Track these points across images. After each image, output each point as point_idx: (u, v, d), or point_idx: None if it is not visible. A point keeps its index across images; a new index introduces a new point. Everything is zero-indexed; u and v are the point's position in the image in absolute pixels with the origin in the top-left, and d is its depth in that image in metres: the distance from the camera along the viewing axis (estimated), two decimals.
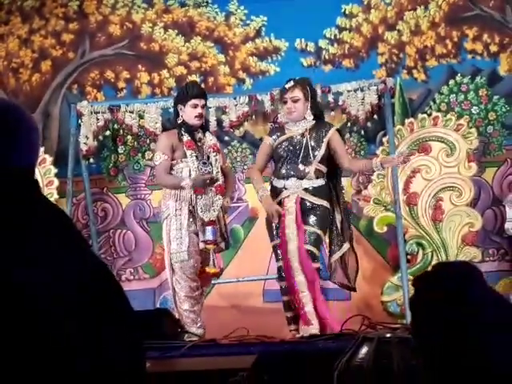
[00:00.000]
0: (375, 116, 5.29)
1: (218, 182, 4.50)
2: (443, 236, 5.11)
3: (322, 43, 5.69)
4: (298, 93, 4.47)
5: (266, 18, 5.79)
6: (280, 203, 4.46)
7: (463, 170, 5.16)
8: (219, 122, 5.39)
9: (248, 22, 5.83)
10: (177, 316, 4.39)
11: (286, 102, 4.51)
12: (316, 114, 4.56)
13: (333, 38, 5.69)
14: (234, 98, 5.32)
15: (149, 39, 5.96)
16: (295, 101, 4.47)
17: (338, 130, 4.63)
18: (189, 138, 4.48)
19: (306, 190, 4.45)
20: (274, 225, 4.47)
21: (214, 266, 4.46)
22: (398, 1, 5.62)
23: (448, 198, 5.14)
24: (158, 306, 5.47)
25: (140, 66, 5.94)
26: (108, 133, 5.50)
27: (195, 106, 4.48)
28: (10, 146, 1.42)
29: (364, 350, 2.70)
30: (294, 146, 4.48)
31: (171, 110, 5.45)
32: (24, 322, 1.25)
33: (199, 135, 4.57)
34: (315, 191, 4.47)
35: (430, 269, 1.69)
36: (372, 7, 5.66)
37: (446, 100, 5.50)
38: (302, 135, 4.48)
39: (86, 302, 1.32)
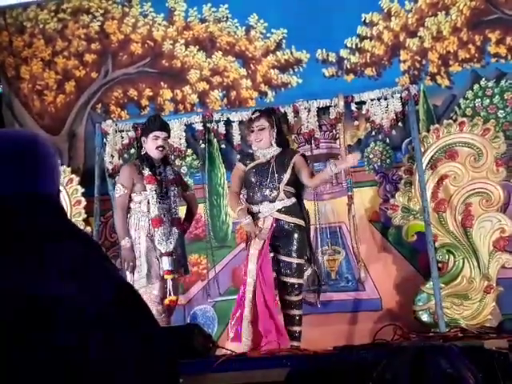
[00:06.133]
0: (400, 124, 5.26)
1: (175, 216, 4.65)
2: (474, 242, 5.04)
3: (344, 53, 5.67)
4: (263, 122, 4.66)
5: (286, 31, 5.79)
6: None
7: (491, 175, 5.09)
8: (243, 136, 5.40)
9: (268, 35, 5.84)
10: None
11: (253, 131, 4.70)
12: (281, 142, 4.72)
13: (354, 47, 5.66)
14: None
15: (170, 56, 6.00)
16: (261, 129, 4.66)
17: (302, 155, 4.75)
18: (149, 172, 4.59)
19: (279, 210, 4.58)
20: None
21: (170, 295, 4.54)
22: (418, 7, 5.59)
23: (477, 203, 5.06)
24: (188, 321, 5.46)
25: (162, 83, 5.98)
26: (133, 150, 5.52)
27: (156, 138, 4.61)
28: (36, 174, 1.45)
29: (398, 359, 2.65)
30: (262, 171, 4.64)
31: (195, 125, 5.49)
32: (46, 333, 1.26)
33: (160, 169, 4.68)
34: (288, 210, 4.59)
35: None
36: (392, 15, 5.63)
37: (471, 105, 5.44)
38: (269, 162, 4.65)
39: (111, 317, 1.32)
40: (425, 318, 5.01)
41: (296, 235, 4.57)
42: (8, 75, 6.27)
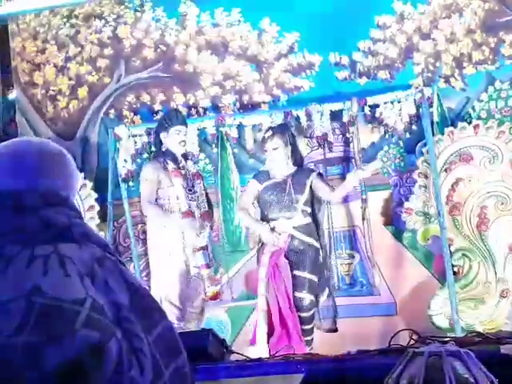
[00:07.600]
0: (414, 126, 5.23)
1: (204, 209, 4.65)
2: (489, 246, 4.99)
3: (357, 56, 5.65)
4: (276, 141, 4.66)
5: (298, 34, 5.77)
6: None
7: (507, 178, 5.04)
8: (255, 140, 5.38)
9: (281, 38, 5.82)
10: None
11: (266, 151, 4.70)
12: (297, 160, 4.73)
13: (367, 50, 5.63)
14: (270, 115, 5.31)
15: (183, 61, 6.00)
16: (275, 149, 4.65)
17: (318, 174, 4.77)
18: (174, 166, 4.59)
19: (294, 228, 4.61)
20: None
21: (209, 287, 4.60)
22: (431, 9, 5.55)
23: (493, 206, 5.02)
24: (201, 326, 5.44)
25: (175, 88, 5.97)
26: (146, 156, 5.53)
27: (179, 133, 4.62)
28: (55, 175, 1.50)
29: (414, 364, 2.62)
30: (279, 191, 4.64)
31: (207, 130, 5.48)
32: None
33: (182, 163, 4.67)
34: (303, 229, 4.62)
35: None
36: (405, 17, 5.60)
37: (485, 107, 5.40)
38: (285, 181, 4.64)
39: (128, 320, 1.34)
40: (440, 322, 4.97)
41: (310, 254, 4.59)
42: (21, 81, 6.30)
